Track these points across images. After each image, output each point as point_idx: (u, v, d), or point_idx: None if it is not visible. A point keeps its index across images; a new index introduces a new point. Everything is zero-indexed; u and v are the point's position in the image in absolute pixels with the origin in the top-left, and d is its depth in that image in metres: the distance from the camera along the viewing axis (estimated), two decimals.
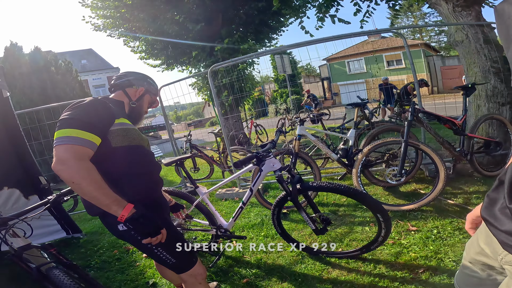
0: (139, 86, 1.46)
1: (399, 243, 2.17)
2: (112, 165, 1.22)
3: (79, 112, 1.14)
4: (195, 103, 43.12)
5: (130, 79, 1.45)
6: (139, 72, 1.56)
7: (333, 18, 4.43)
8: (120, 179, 1.23)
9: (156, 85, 1.57)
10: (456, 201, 2.70)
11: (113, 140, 1.22)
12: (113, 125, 1.23)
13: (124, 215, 1.10)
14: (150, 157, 1.42)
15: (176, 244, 1.35)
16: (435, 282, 1.71)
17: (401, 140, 2.71)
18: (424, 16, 31.50)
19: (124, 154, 1.25)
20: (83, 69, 23.07)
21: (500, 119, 3.17)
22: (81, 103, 1.19)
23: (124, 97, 1.43)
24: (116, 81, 1.46)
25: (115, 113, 1.27)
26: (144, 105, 1.51)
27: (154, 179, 1.42)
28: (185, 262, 1.38)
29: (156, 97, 1.59)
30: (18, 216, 1.32)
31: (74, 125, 1.09)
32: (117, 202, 1.11)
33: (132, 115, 1.45)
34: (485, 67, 3.31)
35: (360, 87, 17.67)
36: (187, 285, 1.44)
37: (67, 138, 1.06)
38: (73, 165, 1.04)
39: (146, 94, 1.50)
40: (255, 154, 1.90)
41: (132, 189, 1.25)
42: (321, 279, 1.94)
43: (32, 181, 3.10)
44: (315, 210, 1.98)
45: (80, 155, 1.07)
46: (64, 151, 1.05)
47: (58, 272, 1.31)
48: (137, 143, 1.32)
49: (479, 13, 3.44)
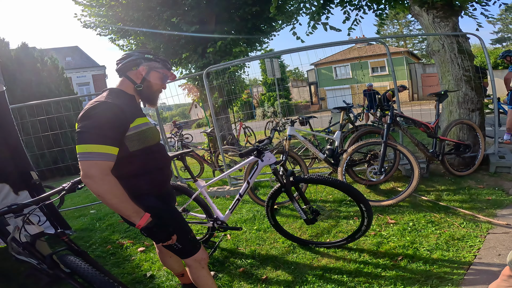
0: (138, 66, 1.39)
1: (380, 234, 2.40)
2: (130, 166, 1.33)
3: (95, 125, 1.18)
4: (181, 105, 42.62)
5: (128, 60, 1.39)
6: (139, 50, 1.47)
7: (325, 26, 4.65)
8: (137, 177, 1.35)
9: (161, 58, 1.47)
10: (429, 198, 2.98)
11: (129, 145, 1.29)
12: (128, 130, 1.28)
13: (140, 224, 1.24)
14: (163, 151, 1.48)
15: (182, 231, 1.45)
16: (412, 268, 1.92)
17: (381, 141, 2.97)
18: (409, 24, 32.90)
19: (140, 156, 1.34)
20: (67, 66, 22.37)
21: (469, 124, 3.49)
22: (94, 113, 1.20)
23: (129, 83, 1.40)
24: (117, 67, 1.42)
25: (129, 116, 1.28)
26: (153, 85, 1.43)
27: (166, 173, 1.51)
28: (190, 248, 1.48)
29: (167, 70, 1.48)
30: (35, 202, 1.41)
31: (93, 140, 1.16)
32: (135, 214, 1.24)
33: (144, 98, 1.44)
34: (457, 76, 3.56)
35: (345, 92, 18.21)
36: (191, 269, 1.54)
37: (90, 154, 1.16)
38: (98, 181, 1.16)
39: (151, 72, 1.41)
40: (256, 147, 2.08)
41: (147, 184, 1.37)
42: (312, 267, 2.11)
43: (23, 176, 3.02)
44: (305, 202, 2.18)
45: (103, 170, 1.17)
46: (89, 167, 1.16)
47: (73, 258, 1.41)
48: (152, 142, 1.38)
49: (456, 23, 3.67)
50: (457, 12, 3.66)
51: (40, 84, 9.05)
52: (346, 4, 4.74)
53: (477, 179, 3.33)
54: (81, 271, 1.34)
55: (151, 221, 1.28)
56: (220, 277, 2.16)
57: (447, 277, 1.79)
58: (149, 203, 1.36)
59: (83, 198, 5.30)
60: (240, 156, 1.94)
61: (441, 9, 3.59)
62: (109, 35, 7.76)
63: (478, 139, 3.52)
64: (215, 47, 6.56)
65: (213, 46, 6.61)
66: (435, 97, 3.38)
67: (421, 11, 3.76)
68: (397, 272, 1.90)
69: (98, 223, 3.74)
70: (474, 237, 2.17)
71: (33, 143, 5.23)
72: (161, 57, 1.47)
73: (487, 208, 2.60)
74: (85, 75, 24.37)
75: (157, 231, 1.29)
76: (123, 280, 2.33)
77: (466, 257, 1.95)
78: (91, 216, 4.11)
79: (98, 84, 24.25)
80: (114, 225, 3.54)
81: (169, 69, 1.49)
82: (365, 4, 4.74)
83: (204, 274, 1.53)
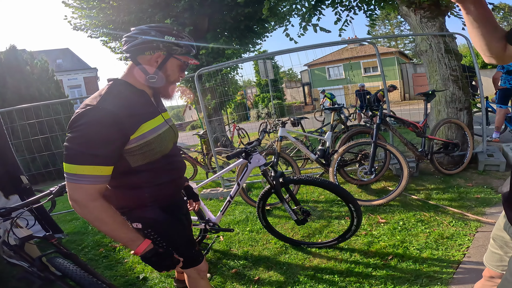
0: (154, 51, 1.09)
1: (371, 233, 2.42)
2: (133, 179, 1.12)
3: (81, 141, 0.96)
4: (175, 107, 42.40)
5: (142, 42, 1.07)
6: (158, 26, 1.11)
7: (315, 27, 4.69)
8: (142, 188, 1.14)
9: (185, 39, 1.13)
10: (418, 197, 3.02)
11: (131, 160, 1.08)
12: (129, 143, 1.04)
13: (138, 252, 1.08)
14: (176, 160, 1.27)
15: (186, 244, 1.33)
16: (402, 268, 1.94)
17: (371, 141, 3.01)
18: (400, 25, 33.33)
19: (145, 172, 1.12)
20: (58, 68, 22.10)
21: (457, 123, 3.55)
22: (82, 124, 0.96)
23: (139, 73, 1.10)
24: (126, 47, 1.11)
25: (130, 125, 1.03)
26: (171, 74, 1.14)
27: (178, 183, 1.32)
28: (192, 260, 1.37)
29: (189, 57, 1.17)
30: (22, 206, 1.40)
31: (79, 160, 0.96)
32: (131, 242, 1.07)
33: (158, 91, 1.18)
34: (445, 75, 3.62)
35: (338, 93, 18.34)
36: (189, 279, 1.46)
37: (74, 176, 0.96)
38: (83, 207, 0.99)
39: (170, 59, 1.11)
40: (243, 149, 2.08)
41: (153, 196, 1.17)
42: (304, 267, 2.13)
43: (13, 180, 3.02)
44: (296, 203, 2.20)
45: (89, 195, 0.99)
46: (73, 191, 0.98)
47: (62, 260, 1.41)
48: (161, 155, 1.15)
49: (442, 23, 3.72)
50: (444, 12, 3.71)
51: (30, 87, 8.93)
52: (337, 5, 4.80)
53: (466, 177, 3.39)
54: (70, 273, 1.35)
55: (151, 249, 1.10)
56: (213, 279, 2.16)
57: (436, 276, 1.81)
58: (150, 214, 1.19)
59: None
60: (227, 159, 1.95)
61: (428, 9, 3.65)
62: (100, 37, 7.70)
63: (466, 138, 3.58)
64: (207, 48, 6.56)
65: (205, 48, 6.61)
66: (423, 96, 3.44)
67: (408, 11, 3.82)
68: (388, 272, 1.92)
69: (90, 226, 3.71)
70: (463, 236, 2.20)
71: (23, 147, 5.16)
72: (185, 37, 1.14)
73: (476, 206, 2.64)
74: (76, 77, 24.09)
75: (158, 261, 1.12)
76: (115, 282, 2.32)
77: (455, 256, 1.98)
78: (83, 220, 4.07)
79: (90, 86, 24.00)
80: None
81: (192, 55, 1.19)
82: (355, 5, 4.80)
83: (203, 285, 1.45)
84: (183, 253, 1.28)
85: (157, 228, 1.19)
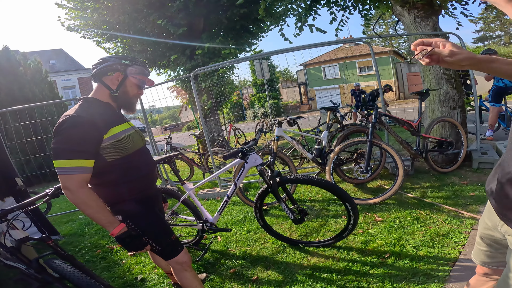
0: (114, 72, 1.36)
1: (368, 232, 2.44)
2: (111, 174, 1.34)
3: (65, 142, 1.20)
4: (171, 107, 42.24)
5: (104, 66, 1.35)
6: (116, 55, 1.48)
7: (311, 27, 4.70)
8: (118, 184, 1.36)
9: (138, 63, 1.42)
10: (414, 195, 3.05)
11: (106, 156, 1.30)
12: (103, 141, 1.27)
13: (113, 233, 1.29)
14: (146, 157, 1.48)
15: (161, 234, 1.48)
16: (399, 265, 1.96)
17: (367, 140, 3.03)
18: (395, 24, 33.51)
19: (120, 165, 1.34)
20: (51, 69, 21.86)
21: (451, 122, 3.60)
22: (63, 129, 1.21)
23: (104, 90, 1.37)
24: (93, 72, 1.38)
25: (101, 127, 1.27)
26: (130, 90, 1.41)
27: (150, 179, 1.52)
28: (170, 250, 1.50)
29: (144, 76, 1.44)
30: (18, 208, 1.39)
31: (66, 156, 1.20)
32: (109, 224, 1.28)
33: (120, 104, 1.43)
34: (438, 74, 3.65)
35: (334, 92, 18.44)
36: (174, 271, 1.57)
37: (65, 169, 1.20)
38: (74, 193, 1.22)
39: (128, 78, 1.39)
40: (240, 149, 2.08)
41: (128, 191, 1.38)
42: (302, 266, 2.14)
43: (8, 182, 3.00)
44: (293, 202, 2.20)
45: (78, 182, 1.21)
46: (65, 181, 1.21)
47: (59, 262, 1.40)
48: (132, 151, 1.38)
49: (436, 23, 3.74)
50: (437, 11, 3.74)
51: (23, 88, 8.82)
52: (332, 5, 4.82)
53: (460, 175, 3.44)
54: (68, 274, 1.35)
55: (125, 231, 1.31)
56: (212, 279, 2.16)
57: (433, 273, 1.83)
58: (128, 207, 1.39)
59: (70, 203, 5.18)
60: (224, 159, 1.96)
61: (422, 9, 3.68)
62: (94, 37, 7.63)
63: (460, 136, 3.62)
64: (203, 49, 6.55)
65: (201, 48, 6.59)
66: (417, 95, 3.47)
67: (403, 11, 3.85)
68: (385, 270, 1.93)
69: (87, 228, 3.69)
70: (458, 233, 2.22)
71: (18, 149, 5.10)
72: (139, 62, 1.43)
73: (470, 204, 2.67)
74: (70, 78, 23.85)
75: (130, 241, 1.32)
76: (113, 284, 2.33)
77: (451, 253, 2.00)
78: (79, 221, 4.04)
79: (84, 87, 23.78)
80: (103, 230, 3.49)
81: (147, 75, 1.47)
82: (350, 5, 4.82)
83: (187, 276, 1.54)
84: (160, 242, 1.46)
85: (134, 218, 1.40)
